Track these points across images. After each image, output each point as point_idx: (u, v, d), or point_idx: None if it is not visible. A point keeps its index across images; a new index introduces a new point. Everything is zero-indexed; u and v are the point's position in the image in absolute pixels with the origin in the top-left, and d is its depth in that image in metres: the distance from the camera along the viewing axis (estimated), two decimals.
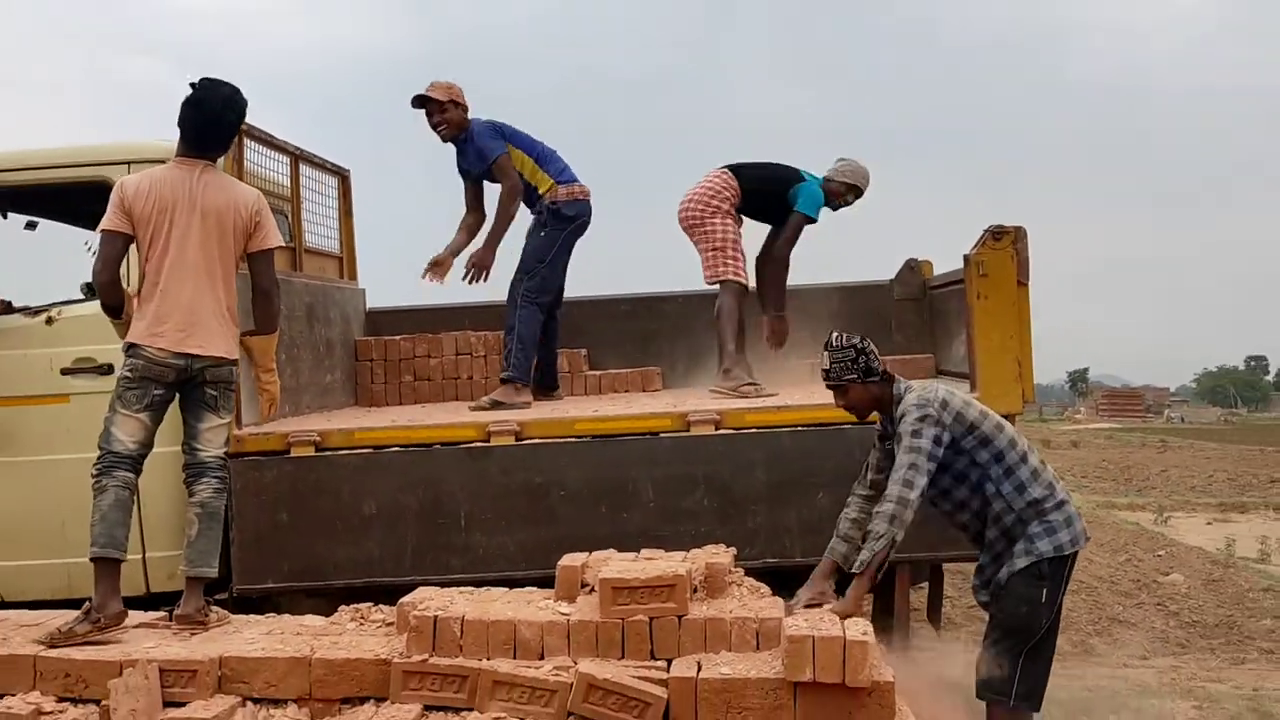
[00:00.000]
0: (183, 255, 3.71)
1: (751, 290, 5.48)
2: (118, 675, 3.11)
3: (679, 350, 6.02)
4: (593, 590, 3.21)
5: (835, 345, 3.59)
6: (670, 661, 3.02)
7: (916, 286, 6.02)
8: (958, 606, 6.99)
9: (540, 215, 5.31)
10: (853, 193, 5.56)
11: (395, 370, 5.88)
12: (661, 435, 4.46)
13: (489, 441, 4.44)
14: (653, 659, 3.05)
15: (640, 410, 4.71)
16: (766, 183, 5.42)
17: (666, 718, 2.89)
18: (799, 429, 4.43)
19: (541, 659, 3.07)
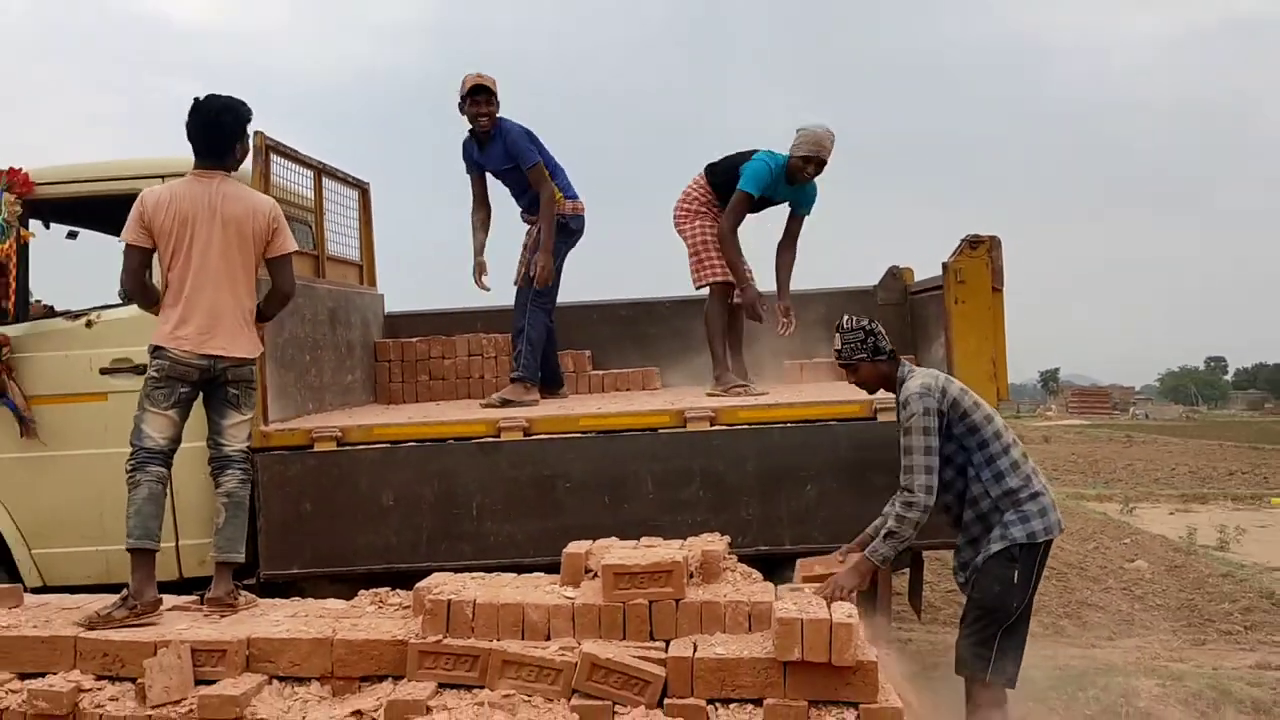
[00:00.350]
0: (205, 263, 3.70)
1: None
2: (152, 655, 3.12)
3: (676, 351, 6.01)
4: (596, 576, 3.21)
5: (846, 327, 3.67)
6: (668, 642, 3.02)
7: (898, 292, 6.01)
8: (937, 591, 6.99)
9: None
10: (811, 164, 5.03)
11: (412, 370, 5.88)
12: (660, 431, 4.46)
13: (499, 437, 4.44)
14: (652, 640, 3.04)
15: (640, 407, 4.71)
16: (729, 173, 5.18)
17: (665, 695, 2.89)
18: (789, 425, 4.43)
19: (548, 640, 3.07)
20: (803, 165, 5.01)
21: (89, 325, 4.59)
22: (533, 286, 5.19)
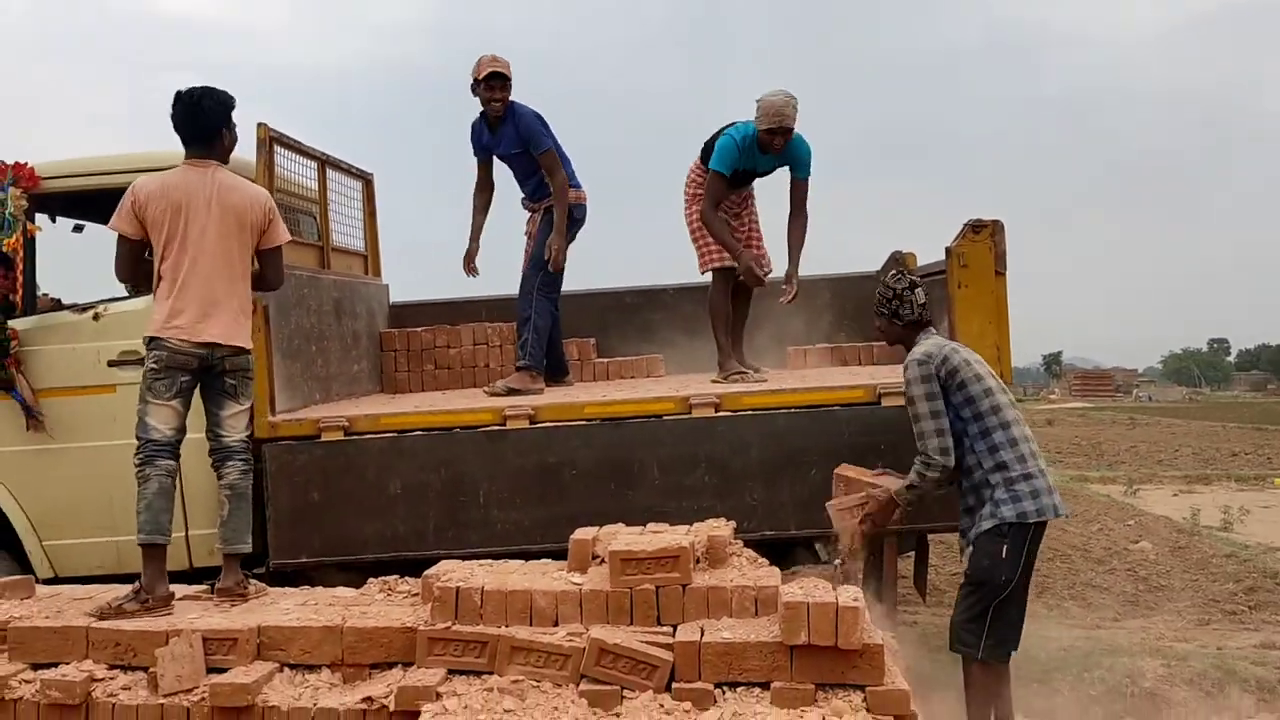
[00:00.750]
0: (200, 251, 3.65)
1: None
2: (164, 644, 3.13)
3: (680, 338, 6.01)
4: (603, 562, 3.21)
5: (884, 284, 3.88)
6: (675, 627, 3.02)
7: None
8: (941, 574, 6.99)
9: (551, 214, 5.27)
10: (778, 135, 4.81)
11: (418, 359, 5.87)
12: (665, 418, 4.45)
13: (505, 425, 4.44)
14: (659, 625, 3.04)
15: (645, 395, 4.70)
16: (709, 150, 5.07)
17: (672, 679, 2.90)
18: (793, 411, 4.43)
19: (556, 626, 3.07)
20: (770, 138, 4.84)
21: (96, 318, 4.59)
22: (538, 275, 5.17)
